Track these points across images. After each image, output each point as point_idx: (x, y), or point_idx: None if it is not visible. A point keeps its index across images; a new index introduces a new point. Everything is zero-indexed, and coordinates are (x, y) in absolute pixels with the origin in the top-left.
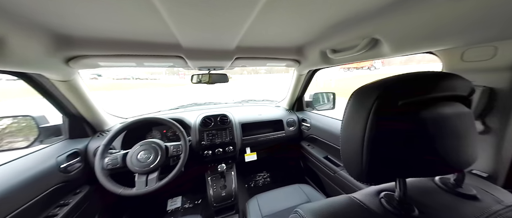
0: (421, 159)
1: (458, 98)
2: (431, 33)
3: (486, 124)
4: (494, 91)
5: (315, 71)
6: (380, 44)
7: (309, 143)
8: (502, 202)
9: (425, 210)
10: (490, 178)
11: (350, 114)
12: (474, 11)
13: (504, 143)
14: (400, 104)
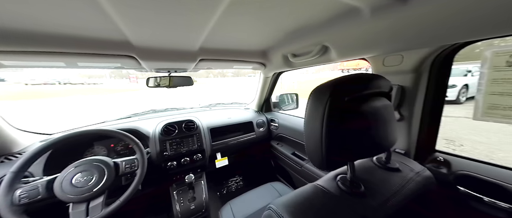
0: (363, 144)
1: (383, 94)
2: (363, 43)
3: (401, 113)
4: (404, 88)
5: (279, 74)
6: (329, 50)
7: (278, 141)
8: (414, 170)
9: (368, 185)
10: (406, 153)
11: (310, 111)
12: (387, 29)
13: (412, 127)
14: (346, 100)
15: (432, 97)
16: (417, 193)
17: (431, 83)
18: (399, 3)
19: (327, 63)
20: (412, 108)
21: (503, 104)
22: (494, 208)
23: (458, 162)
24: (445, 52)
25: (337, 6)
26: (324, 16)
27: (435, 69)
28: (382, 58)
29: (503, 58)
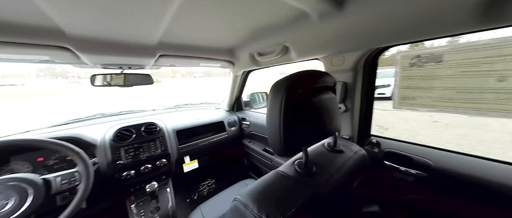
0: (314, 130)
1: (329, 88)
2: (315, 45)
3: (345, 105)
4: (346, 84)
5: (248, 73)
6: (290, 50)
7: (250, 139)
8: (353, 151)
9: (319, 167)
10: (350, 138)
11: (270, 103)
12: (332, 33)
13: (353, 116)
14: (300, 92)
15: (366, 91)
16: (354, 168)
17: (365, 80)
18: (338, 12)
19: (288, 62)
20: (353, 101)
21: (409, 96)
22: (407, 174)
23: (386, 142)
24: (372, 55)
25: (291, 10)
26: (282, 17)
27: (366, 69)
28: (330, 58)
29: (407, 60)
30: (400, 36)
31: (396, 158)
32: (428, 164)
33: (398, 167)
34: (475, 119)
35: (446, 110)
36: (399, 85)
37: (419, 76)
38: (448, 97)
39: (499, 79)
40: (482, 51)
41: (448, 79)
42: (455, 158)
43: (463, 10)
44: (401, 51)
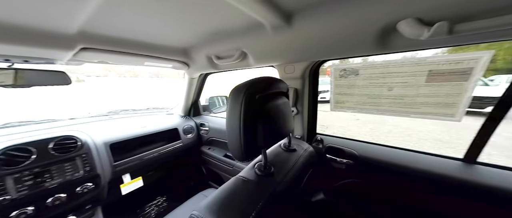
0: (271, 133)
1: (283, 93)
2: (270, 53)
3: (297, 108)
4: (297, 90)
5: (206, 75)
6: (248, 56)
7: (209, 146)
8: (303, 148)
9: (277, 167)
10: (301, 137)
11: (230, 108)
12: (283, 44)
13: (303, 118)
14: (257, 97)
15: (312, 96)
16: (304, 164)
17: (310, 86)
18: (288, 27)
19: (247, 68)
20: (303, 104)
21: (340, 100)
22: (341, 163)
23: (327, 139)
24: (315, 66)
25: (247, 18)
26: (238, 24)
27: (311, 77)
28: (283, 66)
29: (338, 72)
30: (333, 53)
31: (334, 151)
32: (354, 154)
33: (335, 158)
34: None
35: (363, 111)
36: (333, 92)
37: (346, 85)
38: (363, 102)
39: (388, 89)
40: (379, 68)
41: (362, 88)
42: (370, 147)
43: (368, 39)
44: (334, 64)
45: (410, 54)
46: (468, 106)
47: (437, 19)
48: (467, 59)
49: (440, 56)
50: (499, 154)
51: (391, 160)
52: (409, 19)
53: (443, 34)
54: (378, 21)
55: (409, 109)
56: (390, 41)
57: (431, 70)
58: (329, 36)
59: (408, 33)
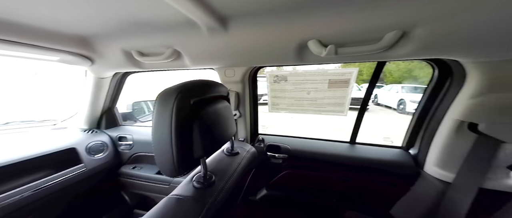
0: (212, 139)
1: (223, 97)
2: (209, 55)
3: (239, 111)
4: (238, 94)
5: (125, 75)
6: (182, 56)
7: (134, 165)
8: (246, 150)
9: (219, 174)
10: (245, 140)
11: (157, 117)
12: (221, 48)
13: (246, 121)
14: (193, 102)
15: (252, 99)
16: (247, 165)
17: (251, 90)
18: (224, 31)
19: (182, 68)
20: (244, 107)
21: (276, 102)
22: (278, 158)
23: (268, 138)
24: (253, 71)
25: (178, 15)
26: (168, 19)
27: (250, 81)
28: (224, 70)
29: (272, 77)
30: (266, 60)
31: (273, 148)
32: (288, 148)
33: (274, 155)
34: (304, 115)
35: (293, 111)
36: (270, 95)
37: (279, 89)
38: (291, 103)
39: (307, 93)
40: (300, 76)
41: (290, 92)
42: (300, 141)
43: (290, 52)
44: (269, 71)
45: (319, 67)
46: (350, 104)
47: (329, 43)
48: (347, 73)
49: (334, 69)
50: (363, 135)
51: (312, 149)
52: (314, 40)
53: (333, 54)
54: (295, 38)
55: (320, 108)
56: (305, 55)
57: (330, 79)
58: (262, 45)
59: (314, 50)
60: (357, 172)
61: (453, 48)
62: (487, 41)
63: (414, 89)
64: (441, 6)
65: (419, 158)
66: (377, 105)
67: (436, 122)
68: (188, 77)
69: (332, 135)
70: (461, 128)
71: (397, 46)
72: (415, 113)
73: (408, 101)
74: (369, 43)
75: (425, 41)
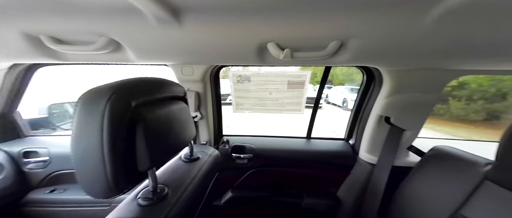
0: (164, 146)
1: (179, 98)
2: (160, 50)
3: (201, 113)
4: (199, 94)
5: (31, 69)
6: (124, 49)
7: (53, 187)
8: (208, 154)
9: (174, 184)
10: (208, 142)
11: (80, 125)
12: (175, 43)
13: (209, 122)
14: (134, 105)
15: (215, 99)
16: (209, 169)
17: (213, 90)
18: (178, 25)
19: (125, 63)
20: (206, 108)
21: (240, 102)
22: (244, 159)
23: (233, 139)
24: (215, 69)
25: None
26: (102, 1)
27: (212, 80)
28: (180, 67)
29: (236, 77)
30: (227, 60)
31: (238, 149)
32: (253, 148)
33: (239, 156)
34: (268, 114)
35: (257, 111)
36: (234, 95)
37: (243, 89)
38: (255, 103)
39: (269, 93)
40: (263, 77)
41: (254, 92)
42: (265, 139)
43: (251, 52)
44: (232, 70)
45: (280, 68)
46: (306, 103)
47: (286, 47)
48: (302, 75)
49: (292, 71)
50: (318, 130)
51: (275, 146)
52: (273, 43)
53: (289, 57)
54: (255, 39)
55: (281, 107)
56: (266, 57)
57: (289, 81)
58: (222, 44)
59: (273, 53)
60: (313, 163)
61: (374, 59)
62: (394, 55)
63: (353, 90)
64: (366, 26)
65: (355, 147)
66: (328, 104)
67: (366, 117)
68: (140, 74)
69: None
70: (381, 121)
71: (338, 54)
72: (353, 110)
73: (349, 100)
74: (318, 50)
75: (356, 52)
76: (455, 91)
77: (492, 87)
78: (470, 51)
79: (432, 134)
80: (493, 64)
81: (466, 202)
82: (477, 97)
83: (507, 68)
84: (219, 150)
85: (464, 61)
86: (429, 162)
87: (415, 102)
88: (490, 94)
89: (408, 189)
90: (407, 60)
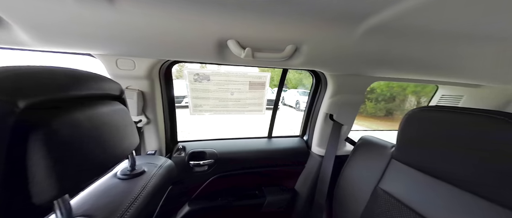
0: (83, 162)
1: (112, 97)
2: (81, 34)
3: (147, 117)
4: (144, 93)
5: None
6: (9, 26)
7: None
8: (157, 165)
9: (103, 212)
10: (157, 152)
11: None
12: (104, 28)
13: (158, 127)
14: (24, 106)
15: (167, 100)
16: (159, 183)
17: (163, 88)
18: (107, 4)
19: (11, 47)
20: (155, 111)
21: (198, 104)
22: (204, 165)
23: (191, 145)
24: (165, 65)
25: None
26: None
27: (162, 78)
28: (114, 59)
29: (192, 76)
30: (180, 54)
31: (197, 155)
32: (215, 153)
33: (198, 163)
34: (232, 116)
35: (218, 113)
36: (191, 96)
37: (201, 89)
38: (216, 104)
39: (231, 94)
40: (223, 76)
41: (214, 92)
42: (228, 142)
43: (210, 48)
44: (188, 68)
45: (241, 68)
46: (266, 104)
47: (247, 46)
48: (263, 76)
49: (253, 72)
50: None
51: (238, 149)
52: (233, 40)
53: (250, 56)
54: (215, 34)
55: (243, 108)
56: (227, 55)
57: (250, 81)
58: (173, 34)
59: (234, 51)
60: (274, 161)
61: (320, 64)
62: (334, 62)
63: (303, 93)
64: (313, 33)
65: (308, 142)
66: (284, 105)
67: (316, 115)
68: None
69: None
70: (327, 118)
71: (294, 57)
72: (305, 110)
73: (301, 102)
74: (276, 52)
75: (307, 56)
76: (369, 95)
77: (388, 92)
78: (387, 62)
79: (358, 127)
80: (403, 74)
81: (382, 178)
82: (380, 99)
83: (413, 77)
84: (174, 158)
85: (381, 70)
86: (358, 150)
87: (349, 102)
88: (387, 97)
89: (346, 173)
90: (343, 66)
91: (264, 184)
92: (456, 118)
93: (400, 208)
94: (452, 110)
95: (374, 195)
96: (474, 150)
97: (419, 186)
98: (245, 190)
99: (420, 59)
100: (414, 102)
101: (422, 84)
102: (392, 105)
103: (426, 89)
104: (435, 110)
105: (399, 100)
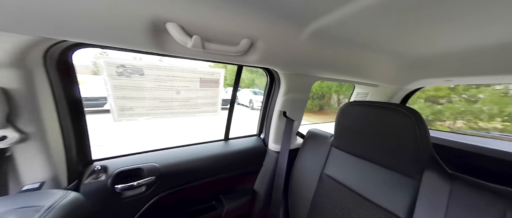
0: None
1: None
2: None
3: (20, 130)
4: (9, 92)
5: None
6: None
7: None
8: (40, 207)
9: None
10: (50, 183)
11: None
12: None
13: (50, 145)
14: None
15: (67, 103)
16: None
17: (57, 85)
18: None
19: None
20: (41, 120)
21: (127, 106)
22: (140, 186)
23: (115, 162)
24: (57, 49)
25: None
26: None
27: (53, 68)
28: None
29: (113, 68)
30: (82, 34)
31: (128, 175)
32: (156, 167)
33: (131, 184)
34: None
35: (158, 116)
36: (113, 96)
37: (130, 86)
38: (156, 106)
39: (177, 92)
40: (165, 71)
41: (152, 91)
42: (172, 152)
43: (140, 32)
44: (105, 56)
45: (189, 63)
46: (221, 104)
47: (194, 33)
48: (216, 73)
49: (205, 68)
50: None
51: (188, 157)
52: (175, 24)
53: (199, 47)
54: (145, 12)
55: (195, 109)
56: (168, 43)
57: (201, 78)
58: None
59: (178, 38)
60: (231, 164)
61: (273, 62)
62: (285, 61)
63: (256, 93)
64: (266, 29)
65: (265, 140)
66: (238, 104)
67: (271, 113)
68: None
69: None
70: (281, 115)
71: (249, 53)
72: (261, 108)
73: (254, 101)
74: (231, 45)
75: (262, 53)
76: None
77: (320, 91)
78: (324, 64)
79: (304, 122)
80: (335, 75)
81: (325, 165)
82: (315, 97)
83: (341, 78)
84: (85, 186)
85: (321, 71)
86: (307, 142)
87: (298, 99)
88: (319, 95)
89: (298, 164)
90: (293, 66)
91: (222, 191)
92: (369, 109)
93: (340, 189)
94: (367, 103)
95: (320, 180)
96: (380, 132)
97: (352, 167)
98: (201, 203)
99: (345, 62)
100: (336, 99)
101: (342, 84)
102: (323, 102)
103: (343, 89)
104: (358, 104)
105: (327, 98)
